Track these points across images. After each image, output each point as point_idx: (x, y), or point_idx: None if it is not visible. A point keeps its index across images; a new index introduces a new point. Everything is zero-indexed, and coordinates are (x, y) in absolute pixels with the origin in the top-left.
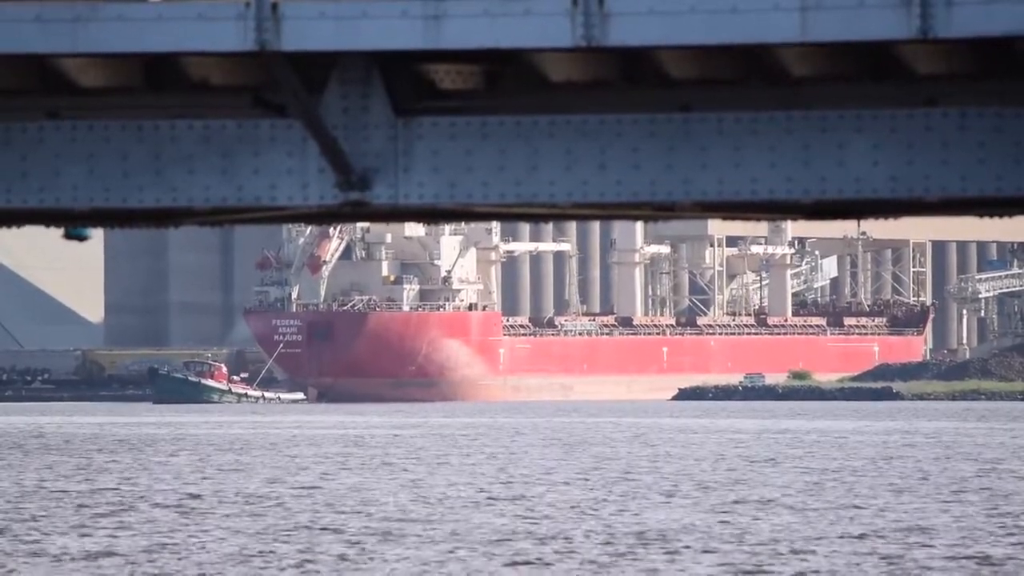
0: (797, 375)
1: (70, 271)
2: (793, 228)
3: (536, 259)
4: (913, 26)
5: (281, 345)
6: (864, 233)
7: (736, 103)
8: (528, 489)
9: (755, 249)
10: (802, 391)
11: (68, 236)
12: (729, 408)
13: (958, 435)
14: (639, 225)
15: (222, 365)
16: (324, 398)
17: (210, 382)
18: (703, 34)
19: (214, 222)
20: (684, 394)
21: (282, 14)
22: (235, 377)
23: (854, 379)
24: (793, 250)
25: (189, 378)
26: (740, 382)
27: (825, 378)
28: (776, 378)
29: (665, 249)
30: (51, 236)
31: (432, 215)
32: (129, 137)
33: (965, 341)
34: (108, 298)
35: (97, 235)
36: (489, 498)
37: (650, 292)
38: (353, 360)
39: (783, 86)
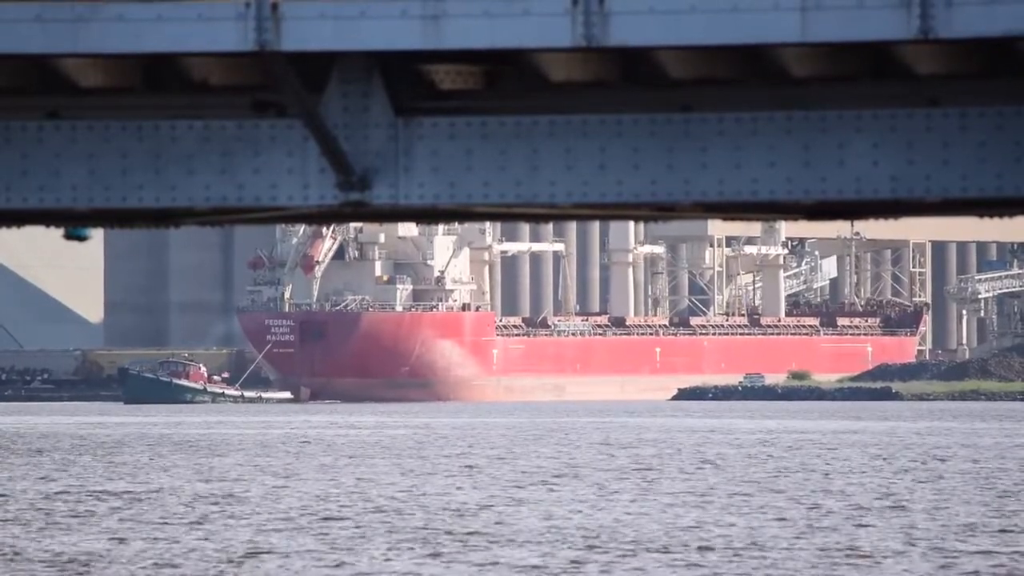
0: (796, 375)
1: (70, 271)
2: (787, 228)
3: (536, 259)
4: (913, 26)
5: (270, 345)
6: (858, 233)
7: (736, 103)
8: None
9: (748, 249)
10: (801, 391)
11: (68, 236)
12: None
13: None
14: (632, 225)
15: (200, 365)
16: (316, 398)
17: (183, 382)
18: (703, 34)
19: (214, 222)
20: (683, 394)
21: (282, 14)
22: (215, 377)
23: (853, 379)
24: (787, 250)
25: (160, 378)
26: (740, 382)
27: (822, 378)
28: (774, 378)
29: (660, 249)
30: (51, 236)
31: (432, 215)
32: (129, 137)
33: (965, 341)
34: (108, 298)
35: (97, 235)
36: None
37: (649, 292)
38: (346, 360)
39: (783, 86)
